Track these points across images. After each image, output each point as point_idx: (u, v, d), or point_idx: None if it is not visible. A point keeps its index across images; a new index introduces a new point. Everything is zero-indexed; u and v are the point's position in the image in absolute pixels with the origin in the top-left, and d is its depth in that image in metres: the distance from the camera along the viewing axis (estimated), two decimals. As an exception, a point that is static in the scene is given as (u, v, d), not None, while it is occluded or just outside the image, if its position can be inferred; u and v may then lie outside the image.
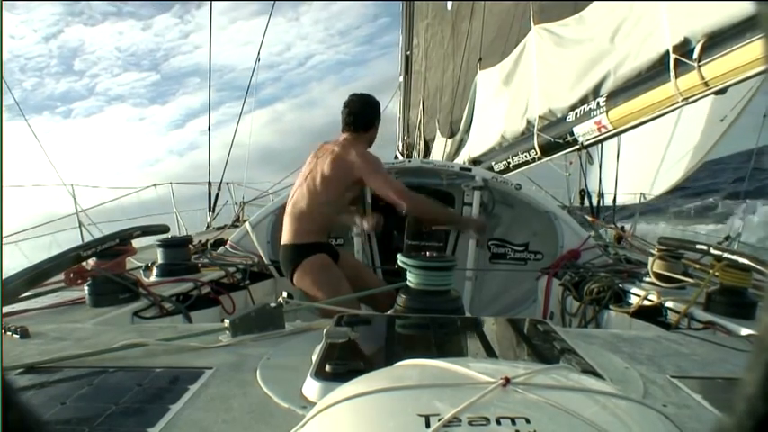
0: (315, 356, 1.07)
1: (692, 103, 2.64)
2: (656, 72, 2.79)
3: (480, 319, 1.47)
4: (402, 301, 1.66)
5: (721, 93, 2.53)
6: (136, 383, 0.98)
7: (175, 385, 0.98)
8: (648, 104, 2.84)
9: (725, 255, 1.82)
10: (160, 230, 2.45)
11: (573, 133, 3.57)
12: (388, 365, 0.75)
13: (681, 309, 1.80)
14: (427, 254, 1.73)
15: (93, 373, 1.04)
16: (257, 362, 1.11)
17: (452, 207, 3.44)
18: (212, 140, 6.31)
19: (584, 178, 5.65)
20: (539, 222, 3.23)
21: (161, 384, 0.99)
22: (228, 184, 6.63)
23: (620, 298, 2.17)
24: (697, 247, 2.04)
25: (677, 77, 2.55)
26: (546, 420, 0.51)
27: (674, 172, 6.09)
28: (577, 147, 3.70)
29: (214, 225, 5.63)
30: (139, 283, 1.98)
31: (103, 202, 5.23)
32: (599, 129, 3.30)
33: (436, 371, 0.66)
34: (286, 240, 2.53)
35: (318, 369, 0.97)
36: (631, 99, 2.97)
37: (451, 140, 7.01)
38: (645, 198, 6.33)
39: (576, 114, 3.54)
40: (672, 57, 2.57)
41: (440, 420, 0.50)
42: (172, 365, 1.09)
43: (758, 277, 1.74)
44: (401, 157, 9.54)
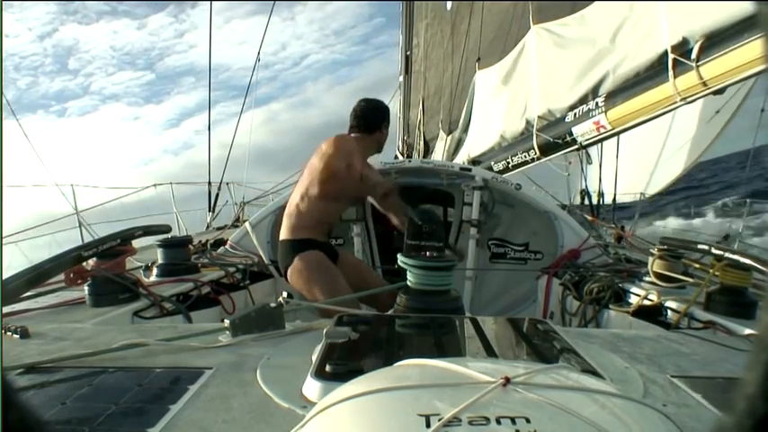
0: (315, 356, 1.07)
1: (691, 102, 2.64)
2: (654, 72, 2.79)
3: (480, 318, 1.46)
4: (402, 300, 1.66)
5: (719, 93, 2.53)
6: (136, 383, 0.98)
7: (175, 385, 0.98)
8: (647, 104, 2.85)
9: (725, 254, 1.82)
10: (162, 230, 2.44)
11: (572, 133, 3.58)
12: (388, 365, 0.75)
13: (681, 308, 1.80)
14: (427, 254, 1.74)
15: (93, 373, 1.04)
16: (257, 362, 1.11)
17: (452, 207, 3.44)
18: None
19: (584, 178, 5.65)
20: (539, 222, 3.23)
21: (161, 384, 0.99)
22: (228, 184, 6.63)
23: (620, 298, 2.17)
24: (698, 247, 2.04)
25: (676, 77, 2.56)
26: (546, 420, 0.51)
27: (671, 170, 6.09)
28: (576, 147, 3.70)
29: (214, 225, 5.63)
30: (139, 283, 1.98)
31: (103, 202, 5.23)
32: (598, 129, 3.31)
33: (436, 371, 0.66)
34: (281, 237, 2.50)
35: (318, 369, 0.97)
36: (630, 99, 2.97)
37: (450, 137, 7.00)
38: (644, 197, 6.34)
39: (575, 114, 3.55)
40: (670, 57, 2.58)
41: (440, 420, 0.50)
42: (172, 365, 1.09)
43: (758, 277, 1.74)
44: (401, 157, 9.53)
